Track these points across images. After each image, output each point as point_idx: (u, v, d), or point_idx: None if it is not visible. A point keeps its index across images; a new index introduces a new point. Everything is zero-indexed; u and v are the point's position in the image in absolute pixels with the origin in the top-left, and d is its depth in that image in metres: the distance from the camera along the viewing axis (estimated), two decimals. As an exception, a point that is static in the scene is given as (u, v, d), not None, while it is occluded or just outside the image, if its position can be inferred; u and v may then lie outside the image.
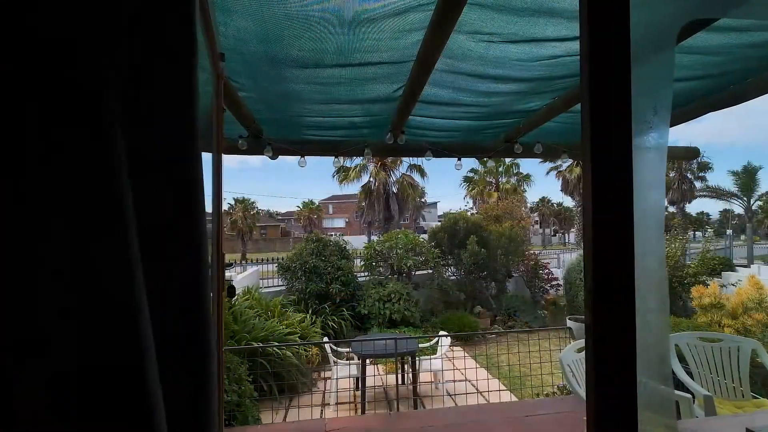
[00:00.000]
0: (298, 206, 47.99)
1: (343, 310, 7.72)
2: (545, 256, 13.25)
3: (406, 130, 3.06)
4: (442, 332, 5.71)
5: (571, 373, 2.25)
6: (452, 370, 6.10)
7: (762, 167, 25.66)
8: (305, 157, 2.99)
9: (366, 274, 9.34)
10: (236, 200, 35.46)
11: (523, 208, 13.24)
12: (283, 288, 8.53)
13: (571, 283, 10.67)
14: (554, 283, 11.16)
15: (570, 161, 22.78)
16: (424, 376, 5.87)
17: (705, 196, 27.84)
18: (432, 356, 5.46)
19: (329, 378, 5.92)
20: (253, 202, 35.88)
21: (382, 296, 7.98)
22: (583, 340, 2.27)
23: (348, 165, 15.45)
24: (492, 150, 3.30)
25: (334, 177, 15.67)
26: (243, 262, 20.23)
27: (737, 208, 27.63)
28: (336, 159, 3.04)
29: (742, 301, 7.05)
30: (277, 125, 2.96)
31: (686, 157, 3.55)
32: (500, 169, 19.66)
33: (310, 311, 7.42)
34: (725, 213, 51.09)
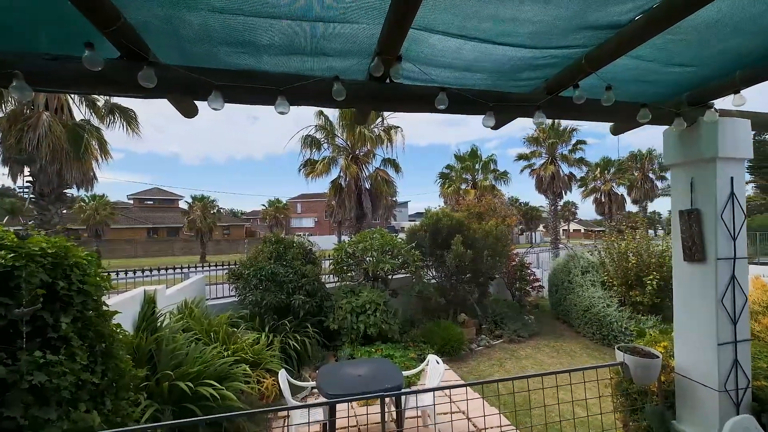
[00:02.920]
0: (264, 205, 45.63)
1: (307, 326, 6.37)
2: (523, 255, 12.59)
3: (406, 63, 1.84)
4: (437, 360, 4.53)
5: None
6: (448, 403, 4.96)
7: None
8: (224, 103, 1.66)
9: (335, 280, 8.03)
10: (194, 198, 32.85)
11: (506, 205, 12.45)
12: (236, 299, 7.04)
13: (557, 285, 9.93)
14: (536, 284, 10.46)
15: (545, 158, 22.50)
16: (410, 412, 4.71)
17: (667, 195, 28.92)
18: (421, 388, 4.26)
19: (286, 416, 4.65)
20: (214, 200, 33.40)
21: (354, 307, 6.71)
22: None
23: (315, 158, 13.99)
24: (534, 102, 2.13)
25: (300, 171, 14.14)
26: (201, 265, 18.20)
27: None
28: (280, 101, 1.73)
29: (746, 304, 6.39)
30: (174, 38, 1.63)
31: (779, 125, 2.57)
32: (477, 166, 18.94)
33: (266, 329, 6.01)
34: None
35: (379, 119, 13.23)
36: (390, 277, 8.12)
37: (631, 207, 30.38)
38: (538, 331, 8.62)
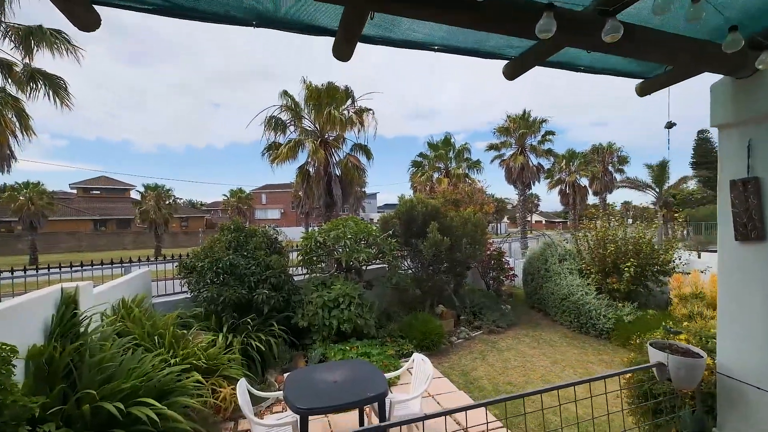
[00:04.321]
0: (225, 195, 43.28)
1: (272, 324, 5.61)
2: (500, 244, 12.49)
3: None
4: (422, 358, 3.96)
5: None
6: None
7: (669, 160, 28.46)
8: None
9: (304, 272, 7.28)
10: (147, 187, 30.26)
11: (483, 192, 12.16)
12: (189, 296, 6.12)
13: (532, 274, 9.78)
14: (510, 273, 10.35)
15: (514, 149, 22.66)
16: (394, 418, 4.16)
17: (624, 187, 30.29)
18: (407, 398, 3.70)
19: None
20: (169, 190, 30.92)
21: (326, 301, 6.03)
22: None
23: (281, 141, 12.94)
24: (585, 16, 1.56)
25: (263, 155, 13.02)
26: (147, 258, 16.58)
27: (651, 198, 30.36)
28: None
29: (721, 290, 6.36)
30: None
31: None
32: (450, 154, 18.62)
33: (224, 329, 5.21)
34: (625, 204, 58.38)
35: (349, 100, 12.43)
36: (364, 268, 7.51)
37: (592, 199, 31.62)
38: (515, 321, 8.40)
